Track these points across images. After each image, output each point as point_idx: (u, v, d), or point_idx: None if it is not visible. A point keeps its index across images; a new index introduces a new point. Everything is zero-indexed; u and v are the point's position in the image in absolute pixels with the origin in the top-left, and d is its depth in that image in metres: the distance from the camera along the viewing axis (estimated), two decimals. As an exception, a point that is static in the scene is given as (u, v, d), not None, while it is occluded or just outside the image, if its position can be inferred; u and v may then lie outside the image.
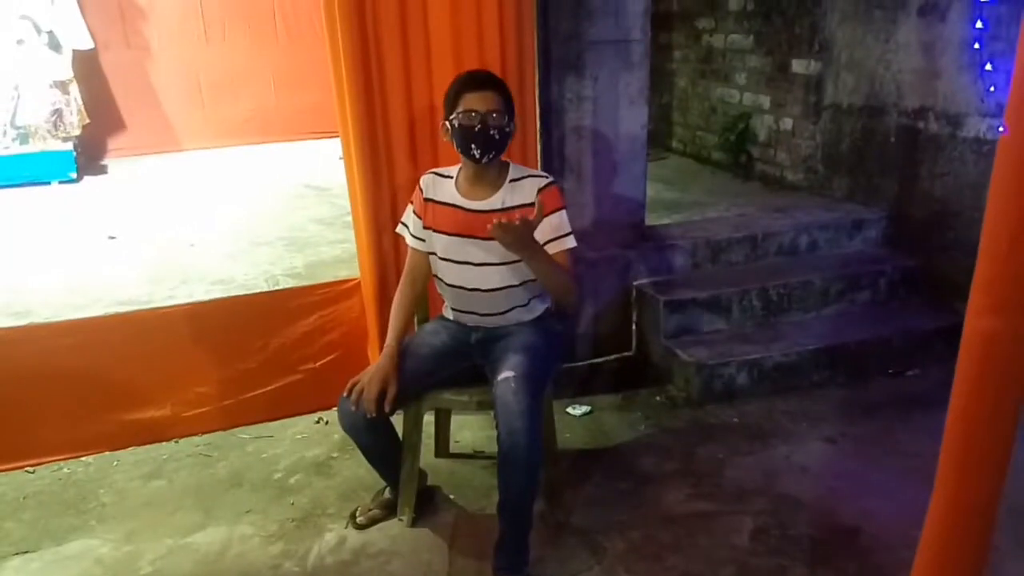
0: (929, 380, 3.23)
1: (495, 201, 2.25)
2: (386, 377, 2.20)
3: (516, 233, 2.02)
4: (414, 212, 2.37)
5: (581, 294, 2.26)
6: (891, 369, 3.32)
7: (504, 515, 2.15)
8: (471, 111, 2.14)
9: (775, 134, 4.62)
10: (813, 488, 2.58)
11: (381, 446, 2.34)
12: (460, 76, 2.27)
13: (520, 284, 2.29)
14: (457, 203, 2.28)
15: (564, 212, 2.26)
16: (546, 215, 2.14)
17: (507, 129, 2.19)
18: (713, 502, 2.53)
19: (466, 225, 2.25)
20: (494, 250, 2.21)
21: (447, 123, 2.21)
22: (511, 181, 2.26)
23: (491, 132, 2.14)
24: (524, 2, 2.81)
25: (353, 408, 2.19)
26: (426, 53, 2.77)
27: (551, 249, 2.20)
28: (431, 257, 2.36)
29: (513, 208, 2.23)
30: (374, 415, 2.17)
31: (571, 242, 2.26)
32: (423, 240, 2.34)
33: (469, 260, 2.27)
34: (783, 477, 2.64)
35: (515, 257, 2.18)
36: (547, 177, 2.30)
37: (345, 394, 2.22)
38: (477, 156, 2.17)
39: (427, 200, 2.33)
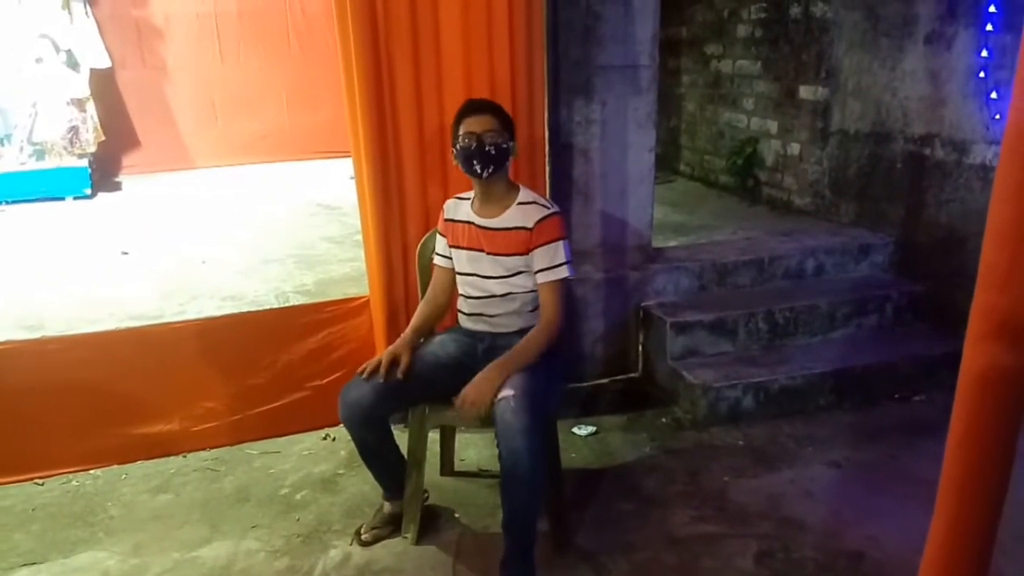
0: (935, 406, 3.23)
1: (505, 219, 2.41)
2: (397, 350, 2.33)
3: (473, 401, 2.17)
4: (439, 233, 2.55)
5: (562, 325, 2.37)
6: (897, 394, 3.32)
7: (508, 532, 2.18)
8: (468, 133, 2.35)
9: (782, 159, 4.65)
10: (818, 512, 2.58)
11: (375, 442, 2.37)
12: (460, 107, 2.46)
13: (521, 293, 2.43)
14: (472, 220, 2.47)
15: (562, 243, 2.37)
16: (543, 244, 2.35)
17: (504, 146, 2.36)
18: (718, 524, 2.53)
19: (476, 240, 2.44)
20: (499, 264, 2.41)
21: (453, 150, 2.42)
22: (519, 204, 2.43)
23: (487, 148, 2.33)
24: (534, 27, 2.86)
25: (364, 378, 2.26)
26: (437, 76, 2.83)
27: (542, 279, 2.36)
28: (455, 274, 2.53)
29: (512, 229, 2.38)
30: (383, 380, 2.25)
31: (563, 272, 2.37)
32: (450, 258, 2.53)
33: (478, 272, 2.46)
34: (788, 500, 2.65)
35: (518, 270, 2.39)
36: (549, 208, 2.41)
37: (359, 371, 2.30)
38: (479, 171, 2.35)
39: (447, 220, 2.53)
